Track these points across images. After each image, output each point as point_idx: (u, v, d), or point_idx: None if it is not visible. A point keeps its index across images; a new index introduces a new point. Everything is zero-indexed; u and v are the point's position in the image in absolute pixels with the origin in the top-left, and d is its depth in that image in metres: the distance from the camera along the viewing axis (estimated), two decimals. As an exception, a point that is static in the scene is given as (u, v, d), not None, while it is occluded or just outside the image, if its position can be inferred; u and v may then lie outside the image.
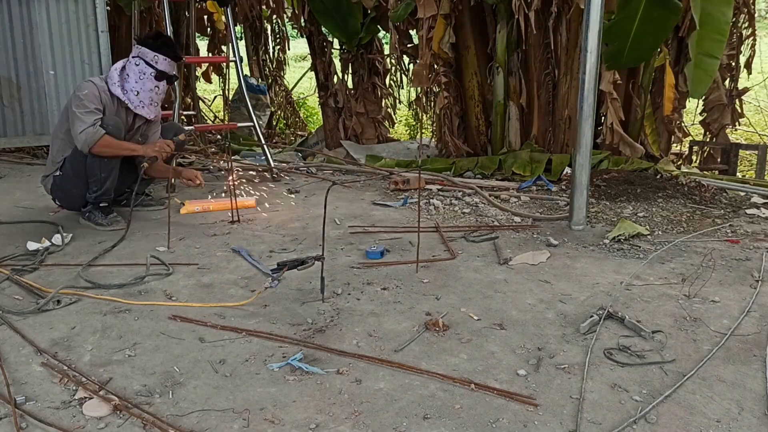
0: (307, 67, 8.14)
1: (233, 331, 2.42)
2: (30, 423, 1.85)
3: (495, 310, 2.62)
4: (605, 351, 2.27)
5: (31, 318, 2.53)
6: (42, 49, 5.76)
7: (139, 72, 3.59)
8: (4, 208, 4.14)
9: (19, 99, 5.74)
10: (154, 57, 3.59)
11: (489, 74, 5.68)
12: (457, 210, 4.17)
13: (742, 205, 4.28)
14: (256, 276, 2.99)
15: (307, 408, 1.94)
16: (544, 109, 5.50)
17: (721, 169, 6.21)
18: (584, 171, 3.62)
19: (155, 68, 3.60)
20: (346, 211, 4.11)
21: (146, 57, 3.59)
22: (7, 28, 5.63)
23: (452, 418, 1.88)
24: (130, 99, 3.61)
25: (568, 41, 5.22)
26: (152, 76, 3.61)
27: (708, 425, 1.86)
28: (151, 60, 3.59)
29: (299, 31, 7.90)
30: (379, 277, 2.97)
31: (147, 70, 3.59)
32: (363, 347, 2.31)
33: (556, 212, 4.14)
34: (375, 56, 7.41)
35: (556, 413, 1.91)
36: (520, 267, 3.12)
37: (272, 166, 5.12)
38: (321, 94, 7.77)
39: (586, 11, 3.43)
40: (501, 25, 5.43)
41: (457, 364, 2.20)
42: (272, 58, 9.25)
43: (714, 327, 2.47)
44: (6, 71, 5.66)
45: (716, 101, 6.12)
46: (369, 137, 7.43)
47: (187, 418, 1.89)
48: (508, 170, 5.17)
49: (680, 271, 3.07)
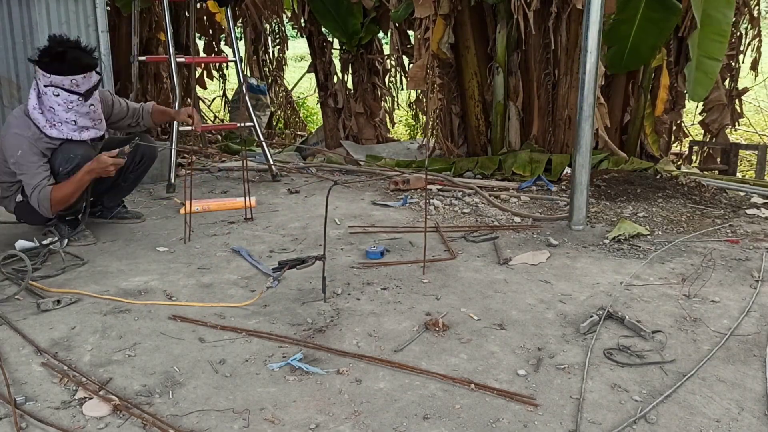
0: (307, 67, 8.13)
1: (233, 331, 2.42)
2: (30, 423, 1.85)
3: (495, 310, 2.63)
4: (605, 351, 2.27)
5: (31, 318, 2.53)
6: (42, 49, 5.75)
7: (64, 101, 3.10)
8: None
9: (19, 99, 5.74)
10: (71, 82, 3.07)
11: (489, 74, 5.68)
12: (457, 210, 4.17)
13: (742, 205, 4.28)
14: (256, 276, 2.99)
15: (307, 408, 1.94)
16: (544, 109, 5.50)
17: (721, 169, 6.21)
18: (584, 171, 3.62)
19: (78, 93, 3.10)
20: (346, 211, 4.11)
21: (63, 84, 3.07)
22: (7, 28, 5.63)
23: (452, 418, 1.88)
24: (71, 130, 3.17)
25: (568, 41, 5.22)
26: (79, 100, 3.12)
27: (708, 425, 1.87)
28: (70, 86, 3.08)
29: (299, 31, 7.90)
30: (379, 277, 2.97)
31: (71, 97, 3.10)
32: (363, 347, 2.31)
33: (556, 212, 4.14)
34: (375, 56, 7.41)
35: (556, 413, 1.91)
36: (520, 267, 3.12)
37: (272, 165, 5.12)
38: (321, 94, 7.78)
39: (586, 11, 3.43)
40: (501, 26, 5.43)
41: (457, 364, 2.20)
42: (272, 58, 9.25)
43: (714, 327, 2.48)
44: (6, 71, 5.66)
45: (716, 101, 6.12)
46: (369, 137, 7.43)
47: (187, 418, 1.89)
48: (508, 170, 5.17)
49: (680, 271, 3.07)
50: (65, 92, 3.06)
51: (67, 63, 3.02)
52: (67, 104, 3.09)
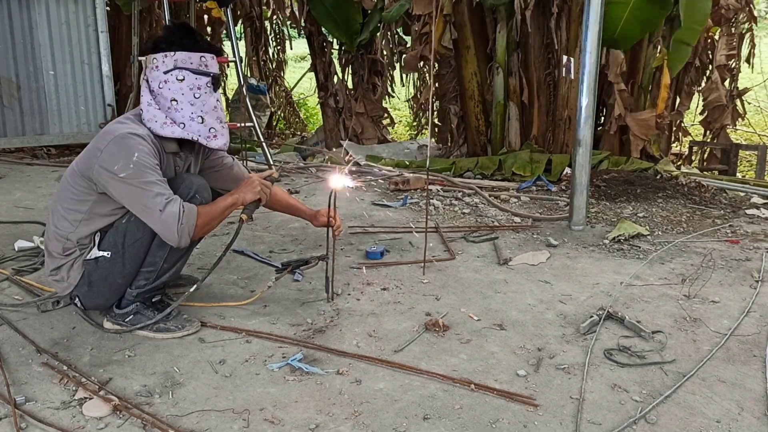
0: (307, 67, 8.14)
1: (233, 331, 2.42)
2: (30, 423, 1.85)
3: (495, 310, 2.62)
4: (605, 351, 2.27)
5: (31, 318, 2.53)
6: (42, 49, 5.77)
7: (190, 88, 2.32)
8: (4, 208, 4.14)
9: (19, 99, 5.75)
10: (201, 60, 2.34)
11: (489, 74, 5.69)
12: (457, 210, 4.17)
13: (742, 206, 4.28)
14: (256, 276, 2.99)
15: (307, 408, 1.94)
16: (544, 109, 5.50)
17: (721, 170, 6.21)
18: (584, 171, 3.62)
19: (209, 74, 2.36)
20: (346, 211, 4.11)
21: (191, 64, 2.32)
22: (7, 28, 5.64)
23: (452, 419, 1.88)
24: (199, 132, 2.34)
25: (568, 41, 5.23)
26: (210, 87, 2.37)
27: (708, 425, 1.86)
28: (199, 65, 2.34)
29: (299, 31, 7.90)
30: (379, 278, 2.97)
31: (200, 81, 2.33)
32: (363, 347, 2.31)
33: (556, 212, 4.14)
34: (375, 56, 7.41)
35: (556, 413, 1.91)
36: (520, 267, 3.12)
37: (272, 165, 5.12)
38: (321, 94, 7.78)
39: (586, 11, 3.44)
40: (501, 26, 5.43)
41: (457, 364, 2.20)
42: (272, 58, 9.25)
43: (714, 327, 2.47)
44: (6, 71, 5.67)
45: (716, 101, 6.13)
46: (369, 137, 7.44)
47: (187, 418, 1.89)
48: (508, 170, 5.17)
49: (680, 271, 3.06)
50: (192, 74, 2.31)
51: (196, 36, 2.39)
52: (194, 92, 2.32)
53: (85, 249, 2.34)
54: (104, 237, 2.33)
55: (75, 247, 2.33)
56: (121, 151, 2.20)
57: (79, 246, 2.34)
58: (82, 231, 2.32)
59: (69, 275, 2.36)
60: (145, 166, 2.21)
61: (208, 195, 2.40)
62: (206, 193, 2.38)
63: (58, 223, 2.33)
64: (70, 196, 2.32)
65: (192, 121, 2.32)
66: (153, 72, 2.32)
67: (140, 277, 2.37)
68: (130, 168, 2.18)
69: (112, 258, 2.31)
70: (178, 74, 2.30)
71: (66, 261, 2.35)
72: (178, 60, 2.30)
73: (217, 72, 2.39)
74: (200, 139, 2.34)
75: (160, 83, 2.31)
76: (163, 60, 2.30)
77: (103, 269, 2.33)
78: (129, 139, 2.22)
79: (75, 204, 2.31)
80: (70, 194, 2.32)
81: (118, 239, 2.31)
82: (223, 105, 2.44)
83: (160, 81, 2.31)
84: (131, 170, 2.18)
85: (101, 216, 2.32)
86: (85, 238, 2.33)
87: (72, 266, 2.35)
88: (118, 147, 2.21)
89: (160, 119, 2.29)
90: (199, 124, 2.33)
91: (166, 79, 2.30)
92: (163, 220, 2.20)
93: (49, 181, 4.90)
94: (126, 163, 2.18)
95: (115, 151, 2.20)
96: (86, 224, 2.31)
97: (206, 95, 2.34)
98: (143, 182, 2.19)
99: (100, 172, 2.22)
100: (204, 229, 2.34)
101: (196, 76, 2.32)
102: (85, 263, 2.34)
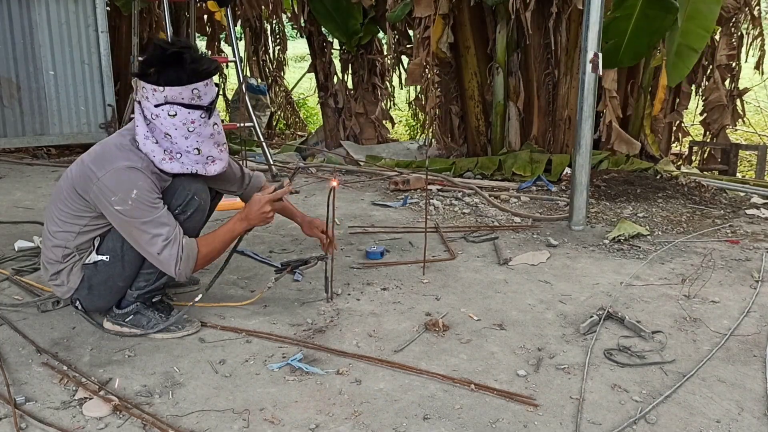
0: (307, 67, 8.13)
1: (233, 331, 2.42)
2: (30, 423, 1.85)
3: (495, 310, 2.62)
4: (605, 351, 2.27)
5: (31, 318, 2.53)
6: (42, 49, 5.76)
7: (183, 123, 2.23)
8: (4, 208, 4.14)
9: (19, 99, 5.75)
10: (192, 92, 2.22)
11: (489, 74, 5.69)
12: (457, 210, 4.17)
13: (742, 206, 4.28)
14: (256, 276, 2.99)
15: (307, 408, 1.94)
16: (544, 110, 5.50)
17: (721, 170, 6.21)
18: (584, 171, 3.62)
19: (201, 107, 2.25)
20: (346, 211, 4.11)
21: (182, 99, 2.21)
22: (7, 28, 5.64)
23: (452, 419, 1.88)
24: (196, 162, 2.30)
25: (568, 41, 5.23)
26: (202, 118, 2.26)
27: (708, 426, 1.86)
28: (191, 99, 2.23)
29: (299, 32, 7.90)
30: (379, 277, 2.97)
31: (193, 114, 2.24)
32: (363, 347, 2.31)
33: (556, 212, 4.14)
34: (375, 56, 7.41)
35: (556, 414, 1.91)
36: (520, 267, 3.12)
37: (272, 165, 5.12)
38: (321, 95, 7.78)
39: (586, 11, 3.44)
40: (501, 26, 5.43)
41: (457, 364, 2.20)
42: (272, 59, 9.25)
43: (714, 327, 2.47)
44: (6, 71, 5.67)
45: (716, 101, 6.13)
46: (369, 137, 7.44)
47: (187, 418, 1.89)
48: (508, 170, 5.17)
49: (680, 271, 3.06)
50: (184, 109, 2.22)
51: (185, 67, 2.21)
52: (187, 126, 2.23)
53: (84, 253, 2.33)
54: (103, 241, 2.31)
55: (74, 251, 2.32)
56: (120, 185, 2.17)
57: (78, 251, 2.32)
58: (81, 239, 2.31)
59: (69, 279, 2.35)
60: (144, 203, 2.17)
61: (207, 196, 2.39)
62: (204, 195, 2.37)
63: (55, 234, 2.31)
64: (67, 211, 2.29)
65: (188, 153, 2.28)
66: (144, 101, 2.25)
67: (140, 278, 2.36)
68: (128, 204, 2.16)
69: (111, 262, 2.30)
70: (169, 110, 2.22)
71: (65, 266, 2.34)
72: (168, 96, 2.20)
73: (211, 99, 2.29)
74: (198, 170, 2.31)
75: (152, 114, 2.23)
76: (153, 93, 2.21)
77: (102, 273, 2.32)
78: (129, 173, 2.18)
79: (72, 218, 2.29)
80: (66, 208, 2.29)
81: (116, 243, 2.29)
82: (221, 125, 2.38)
83: (152, 113, 2.23)
84: (129, 206, 2.16)
85: (99, 228, 2.30)
86: (84, 243, 2.32)
87: (71, 270, 2.34)
88: (117, 181, 2.17)
89: (159, 155, 2.25)
90: (195, 155, 2.29)
91: (157, 113, 2.22)
92: (160, 262, 2.22)
93: (49, 181, 4.90)
94: (124, 198, 2.16)
95: (113, 183, 2.17)
96: (84, 234, 2.31)
97: (201, 126, 2.27)
98: (141, 222, 2.17)
99: (98, 197, 2.20)
100: (206, 260, 2.34)
101: (188, 110, 2.23)
102: (84, 267, 2.33)
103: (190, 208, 2.30)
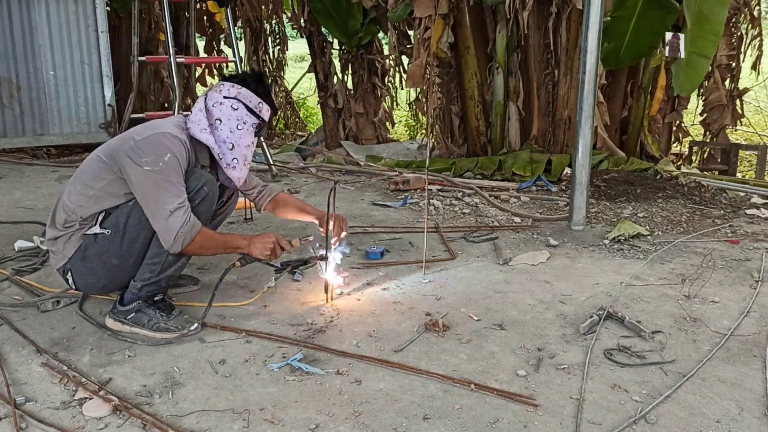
0: (307, 67, 8.14)
1: (233, 331, 2.42)
2: (30, 423, 1.85)
3: (495, 310, 2.62)
4: (605, 351, 2.27)
5: (31, 318, 2.53)
6: (42, 49, 5.76)
7: (238, 120, 2.51)
8: (4, 208, 4.14)
9: (19, 99, 5.75)
10: (258, 104, 2.54)
11: (489, 74, 5.69)
12: (457, 210, 4.17)
13: (742, 206, 4.28)
14: (256, 276, 2.99)
15: (307, 408, 1.94)
16: (544, 110, 5.50)
17: (721, 170, 6.21)
18: (584, 171, 3.62)
19: (259, 118, 2.56)
20: (346, 211, 4.11)
21: (249, 102, 2.52)
22: (7, 28, 5.64)
23: (452, 419, 1.88)
24: (223, 153, 2.51)
25: (568, 41, 5.23)
26: (253, 127, 2.56)
27: (708, 426, 1.86)
28: (255, 107, 2.53)
29: (299, 32, 7.90)
30: (379, 277, 2.97)
31: (249, 119, 2.52)
32: (363, 348, 2.31)
33: (556, 212, 4.14)
34: (375, 56, 7.42)
35: (556, 414, 1.91)
36: (520, 267, 3.12)
37: (272, 165, 5.13)
38: (321, 95, 7.78)
39: (586, 11, 3.44)
40: (501, 26, 5.43)
41: (457, 364, 2.20)
42: (272, 59, 9.26)
43: (714, 327, 2.47)
44: (6, 71, 5.67)
45: (716, 101, 6.13)
46: (368, 137, 7.44)
47: (187, 418, 1.89)
48: (508, 170, 5.17)
49: (680, 271, 3.06)
50: (246, 110, 2.52)
51: (265, 85, 2.61)
52: (239, 123, 2.50)
53: (86, 225, 2.40)
54: (107, 217, 2.39)
55: (77, 221, 2.39)
56: (156, 147, 2.32)
57: (81, 223, 2.39)
58: (90, 208, 2.38)
59: (65, 247, 2.41)
60: (174, 169, 2.32)
61: (215, 188, 2.50)
62: (213, 186, 2.47)
63: (70, 196, 2.41)
64: (89, 172, 2.42)
65: (224, 143, 2.49)
66: (214, 93, 2.52)
67: (145, 269, 2.40)
68: (158, 165, 2.29)
69: (111, 236, 2.37)
70: (234, 103, 2.50)
71: (64, 233, 2.40)
72: (240, 94, 2.50)
73: (266, 120, 2.58)
74: (221, 161, 2.51)
75: (215, 103, 2.49)
76: (228, 88, 2.51)
77: (100, 245, 2.38)
78: (169, 139, 2.35)
79: (91, 180, 2.39)
80: (89, 170, 2.42)
81: (120, 219, 2.36)
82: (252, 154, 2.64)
83: (216, 101, 2.49)
84: (159, 167, 2.29)
85: (111, 196, 2.38)
86: (89, 216, 2.38)
87: (69, 239, 2.41)
88: (156, 143, 2.33)
89: (203, 124, 2.46)
90: (228, 150, 2.50)
91: (221, 101, 2.49)
92: (168, 220, 2.28)
93: (49, 181, 4.90)
94: (156, 160, 2.29)
95: (151, 144, 2.32)
96: (95, 201, 2.38)
97: (247, 132, 2.52)
98: (166, 180, 2.30)
99: (126, 156, 2.31)
100: (199, 250, 2.42)
101: (248, 113, 2.52)
102: (84, 237, 2.39)
103: (199, 196, 2.41)
